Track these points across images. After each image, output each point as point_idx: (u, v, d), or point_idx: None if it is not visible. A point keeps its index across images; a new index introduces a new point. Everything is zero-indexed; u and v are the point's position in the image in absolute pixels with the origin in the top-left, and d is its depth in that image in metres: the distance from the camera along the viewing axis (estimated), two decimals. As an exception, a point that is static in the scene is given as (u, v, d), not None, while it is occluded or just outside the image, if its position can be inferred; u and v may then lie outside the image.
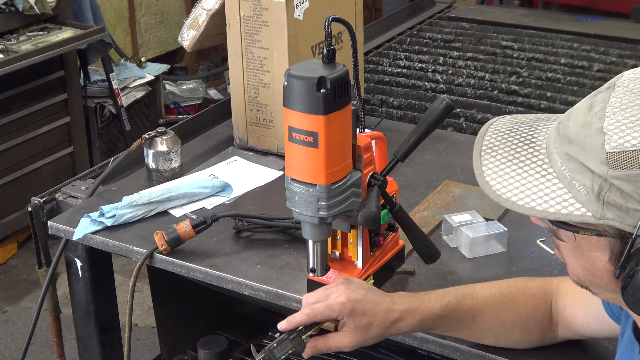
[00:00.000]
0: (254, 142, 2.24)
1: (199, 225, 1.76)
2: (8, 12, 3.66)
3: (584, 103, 1.06)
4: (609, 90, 1.05)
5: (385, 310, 1.38)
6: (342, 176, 1.40)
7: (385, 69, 2.92)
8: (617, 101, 1.02)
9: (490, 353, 1.47)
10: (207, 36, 2.31)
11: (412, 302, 1.41)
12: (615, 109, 1.01)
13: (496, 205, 1.91)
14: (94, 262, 2.00)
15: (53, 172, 3.90)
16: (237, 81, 2.20)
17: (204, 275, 1.74)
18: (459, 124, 2.48)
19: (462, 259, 1.74)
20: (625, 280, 1.05)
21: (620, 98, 1.02)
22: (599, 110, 1.02)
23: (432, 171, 2.12)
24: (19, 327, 3.42)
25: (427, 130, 1.54)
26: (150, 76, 4.40)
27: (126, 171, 2.17)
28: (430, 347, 1.52)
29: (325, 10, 2.08)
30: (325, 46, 1.36)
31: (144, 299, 3.32)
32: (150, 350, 3.22)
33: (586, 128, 1.02)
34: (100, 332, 2.07)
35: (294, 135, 1.36)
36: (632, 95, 1.02)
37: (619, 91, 1.04)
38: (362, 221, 1.44)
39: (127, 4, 5.03)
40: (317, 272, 1.48)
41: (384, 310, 1.38)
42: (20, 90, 3.69)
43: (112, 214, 1.87)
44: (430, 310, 1.41)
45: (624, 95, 1.03)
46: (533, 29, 3.29)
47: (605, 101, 1.03)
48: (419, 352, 1.68)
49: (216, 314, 2.46)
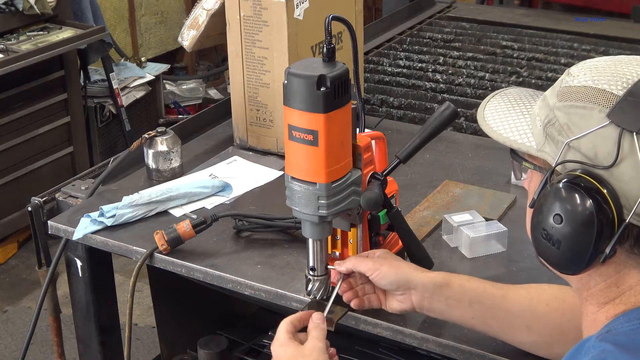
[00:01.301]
0: (254, 142, 2.24)
1: (199, 225, 1.76)
2: (8, 12, 3.66)
3: None
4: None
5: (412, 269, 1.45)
6: (342, 174, 1.40)
7: (385, 68, 2.92)
8: (591, 60, 1.14)
9: (490, 353, 1.46)
10: (207, 36, 2.30)
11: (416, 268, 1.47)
12: (587, 61, 1.13)
13: (496, 205, 1.91)
14: (94, 262, 2.00)
15: (53, 172, 3.90)
16: (237, 81, 2.20)
17: (204, 275, 1.74)
18: (459, 124, 2.48)
19: (462, 259, 1.74)
20: (534, 210, 1.10)
21: (595, 60, 1.14)
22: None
23: (432, 171, 2.12)
24: (19, 327, 3.42)
25: (431, 134, 1.55)
26: (150, 76, 4.40)
27: (126, 171, 2.17)
28: (430, 347, 1.52)
29: (325, 10, 2.08)
30: (325, 44, 1.36)
31: (144, 299, 3.32)
32: (150, 350, 3.22)
33: (563, 73, 1.15)
34: (100, 332, 2.07)
35: (294, 133, 1.36)
36: (605, 61, 1.13)
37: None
38: (365, 203, 1.44)
39: (127, 4, 5.03)
40: (317, 270, 1.48)
41: (411, 270, 1.45)
42: (20, 90, 3.69)
43: (112, 213, 1.87)
44: (460, 277, 1.44)
45: (599, 60, 1.14)
46: (533, 29, 3.29)
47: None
48: (419, 352, 1.68)
49: (216, 314, 2.46)
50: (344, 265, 1.46)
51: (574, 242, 1.05)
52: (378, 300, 1.49)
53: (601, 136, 1.04)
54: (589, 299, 1.14)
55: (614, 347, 1.02)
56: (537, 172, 1.15)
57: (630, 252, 1.06)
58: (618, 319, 1.09)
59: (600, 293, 1.11)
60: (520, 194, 1.97)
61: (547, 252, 1.09)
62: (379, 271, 1.43)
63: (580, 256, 1.05)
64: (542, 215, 1.08)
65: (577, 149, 1.06)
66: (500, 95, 1.25)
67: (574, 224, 1.04)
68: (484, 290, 1.42)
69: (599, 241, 1.03)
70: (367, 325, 1.56)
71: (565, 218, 1.05)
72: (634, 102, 1.03)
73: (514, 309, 1.40)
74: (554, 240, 1.07)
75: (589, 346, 1.06)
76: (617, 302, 1.10)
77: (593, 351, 1.04)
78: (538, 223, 1.09)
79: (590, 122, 1.05)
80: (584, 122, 1.06)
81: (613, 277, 1.10)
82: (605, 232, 1.03)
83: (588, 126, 1.05)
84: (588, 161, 1.05)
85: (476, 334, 1.48)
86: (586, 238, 1.04)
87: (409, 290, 1.43)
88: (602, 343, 1.04)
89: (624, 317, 1.08)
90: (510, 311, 1.40)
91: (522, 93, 1.25)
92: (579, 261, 1.06)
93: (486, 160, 2.17)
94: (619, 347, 1.02)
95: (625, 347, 1.02)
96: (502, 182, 2.05)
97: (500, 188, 2.01)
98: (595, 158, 1.04)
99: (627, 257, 1.07)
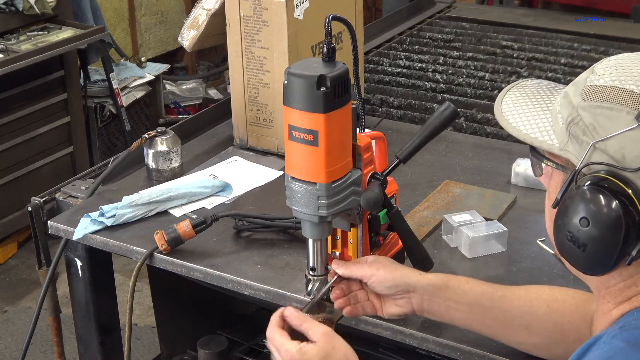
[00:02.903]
0: (254, 142, 2.24)
1: (199, 225, 1.76)
2: (8, 12, 3.66)
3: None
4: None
5: (410, 272, 1.44)
6: (342, 174, 1.40)
7: (385, 68, 2.91)
8: (615, 58, 1.12)
9: (490, 353, 1.46)
10: (207, 36, 2.30)
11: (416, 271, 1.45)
12: (612, 59, 1.12)
13: (496, 205, 1.91)
14: (94, 262, 2.00)
15: (53, 172, 3.90)
16: (237, 81, 2.20)
17: (204, 275, 1.74)
18: (459, 123, 2.48)
19: (462, 259, 1.74)
20: (557, 211, 1.09)
21: (619, 58, 1.12)
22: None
23: (432, 171, 2.12)
24: (19, 327, 3.42)
25: (431, 134, 1.55)
26: (150, 76, 4.40)
27: (126, 171, 2.17)
28: (430, 347, 1.52)
29: (325, 10, 2.08)
30: (325, 44, 1.36)
31: (144, 299, 3.32)
32: (150, 350, 3.22)
33: (585, 71, 1.12)
34: (100, 332, 2.07)
35: (294, 133, 1.36)
36: (630, 59, 1.10)
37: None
38: (365, 203, 1.44)
39: (127, 4, 5.03)
40: (317, 270, 1.48)
41: (409, 272, 1.43)
42: (20, 90, 3.69)
43: (112, 213, 1.87)
44: (459, 278, 1.42)
45: (624, 57, 1.12)
46: (533, 29, 3.29)
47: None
48: (419, 352, 1.67)
49: (216, 314, 2.46)
50: (339, 269, 1.45)
51: (600, 245, 1.04)
52: (373, 308, 1.47)
53: (629, 138, 1.02)
54: (606, 297, 1.13)
55: (625, 344, 1.02)
56: (559, 171, 1.13)
57: None
58: (632, 314, 1.09)
59: (619, 292, 1.11)
60: (520, 194, 1.97)
61: (572, 254, 1.08)
62: (375, 276, 1.42)
63: (607, 259, 1.05)
64: (568, 217, 1.06)
65: (603, 150, 1.04)
66: (517, 88, 1.23)
67: (601, 227, 1.03)
68: (483, 292, 1.41)
69: (625, 244, 1.02)
70: (367, 325, 1.56)
71: (592, 221, 1.03)
72: None
73: (514, 310, 1.39)
74: (579, 242, 1.05)
75: (602, 343, 1.05)
76: (634, 300, 1.10)
77: (605, 347, 1.03)
78: (563, 225, 1.08)
79: (618, 124, 1.03)
80: (612, 124, 1.04)
81: (634, 276, 1.09)
82: (632, 234, 1.02)
83: (616, 128, 1.03)
84: (615, 163, 1.03)
85: (476, 334, 1.48)
86: (613, 241, 1.02)
87: (408, 293, 1.42)
88: (614, 340, 1.03)
89: (638, 312, 1.08)
90: (510, 312, 1.39)
91: (541, 86, 1.22)
92: (605, 263, 1.05)
93: (486, 160, 2.17)
94: (630, 344, 1.01)
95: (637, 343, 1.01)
96: (502, 182, 2.05)
97: (500, 188, 2.01)
98: (622, 160, 1.03)
99: None
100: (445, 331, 1.51)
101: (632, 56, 1.11)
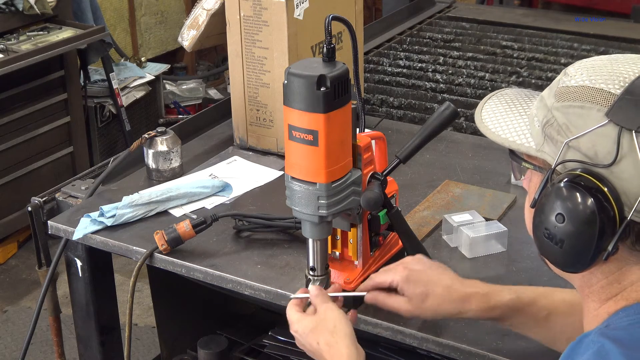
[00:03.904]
0: (254, 142, 2.24)
1: (199, 225, 1.76)
2: (8, 12, 3.66)
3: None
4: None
5: (447, 286, 1.41)
6: (342, 174, 1.40)
7: (385, 68, 2.92)
8: (587, 60, 1.15)
9: (490, 353, 1.46)
10: (207, 36, 2.30)
11: (481, 287, 1.42)
12: (584, 61, 1.15)
13: (496, 205, 1.91)
14: (94, 262, 2.00)
15: (53, 172, 3.90)
16: (237, 81, 2.20)
17: (204, 275, 1.74)
18: (459, 123, 2.48)
19: (462, 259, 1.74)
20: (535, 210, 1.10)
21: (591, 59, 1.15)
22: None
23: (432, 171, 2.12)
24: (19, 327, 3.42)
25: (431, 134, 1.56)
26: (150, 76, 4.40)
27: (126, 171, 2.17)
28: (430, 347, 1.52)
29: (325, 10, 2.08)
30: (325, 44, 1.36)
31: (144, 299, 3.32)
32: (150, 350, 3.22)
33: (560, 74, 1.16)
34: (100, 332, 2.07)
35: (294, 133, 1.36)
36: (601, 60, 1.14)
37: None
38: (365, 203, 1.44)
39: (127, 4, 5.03)
40: (317, 270, 1.48)
41: (445, 285, 1.41)
42: (20, 90, 3.69)
43: (112, 213, 1.87)
44: (499, 299, 1.40)
45: (595, 59, 1.15)
46: (533, 29, 3.29)
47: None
48: (419, 352, 1.68)
49: (216, 314, 2.46)
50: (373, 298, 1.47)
51: (576, 241, 1.06)
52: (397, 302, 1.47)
53: (600, 135, 1.04)
54: (590, 296, 1.14)
55: (611, 342, 1.03)
56: (537, 172, 1.15)
57: (632, 249, 1.07)
58: (617, 314, 1.10)
59: (602, 290, 1.12)
60: (520, 194, 1.97)
61: (550, 251, 1.10)
62: (420, 309, 1.43)
63: (583, 254, 1.06)
64: (544, 215, 1.08)
65: (576, 148, 1.07)
66: (497, 96, 1.26)
67: (576, 223, 1.05)
68: (524, 309, 1.40)
69: (601, 239, 1.04)
70: (367, 325, 1.56)
71: (568, 217, 1.05)
72: (632, 100, 1.04)
73: (558, 328, 1.40)
74: (556, 239, 1.07)
75: (589, 341, 1.06)
76: (619, 298, 1.11)
77: (592, 346, 1.04)
78: (540, 222, 1.10)
79: (589, 122, 1.06)
80: (583, 122, 1.06)
81: (615, 274, 1.10)
82: (607, 229, 1.04)
83: (587, 125, 1.06)
84: (588, 160, 1.05)
85: (476, 334, 1.48)
86: (589, 236, 1.04)
87: (460, 314, 1.43)
88: (601, 338, 1.04)
89: (623, 312, 1.09)
90: (554, 330, 1.41)
91: (519, 94, 1.25)
92: (582, 259, 1.07)
93: (486, 160, 2.17)
94: (616, 342, 1.02)
95: (623, 342, 1.02)
96: (502, 182, 2.05)
97: (500, 188, 2.01)
98: (595, 157, 1.05)
99: (629, 254, 1.08)
100: (445, 331, 1.51)
101: (604, 58, 1.14)
